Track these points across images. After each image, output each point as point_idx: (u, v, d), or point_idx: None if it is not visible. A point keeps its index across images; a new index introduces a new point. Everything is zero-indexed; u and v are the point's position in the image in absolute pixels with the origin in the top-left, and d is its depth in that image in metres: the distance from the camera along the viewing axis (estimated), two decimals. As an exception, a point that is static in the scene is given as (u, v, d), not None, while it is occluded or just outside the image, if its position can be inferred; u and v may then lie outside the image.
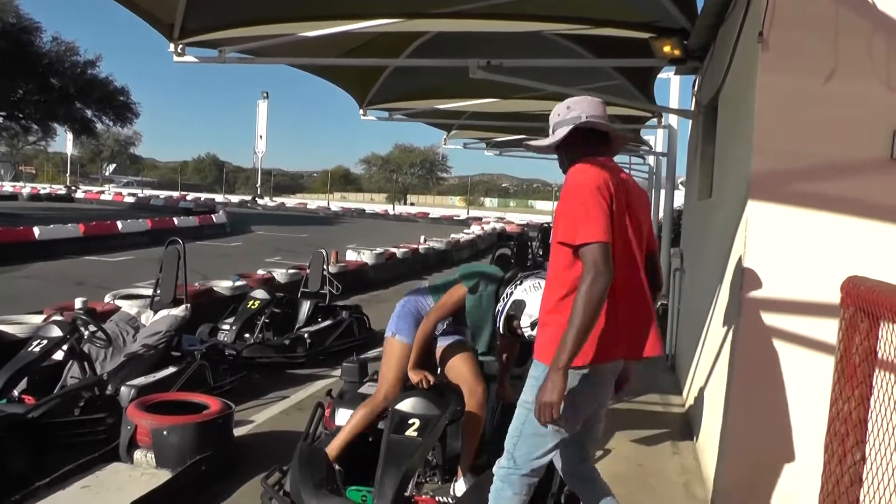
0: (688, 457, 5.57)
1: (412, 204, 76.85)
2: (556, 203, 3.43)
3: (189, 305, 7.02)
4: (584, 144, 3.16)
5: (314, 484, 4.08)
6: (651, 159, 25.22)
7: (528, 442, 3.10)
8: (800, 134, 4.16)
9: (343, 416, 4.85)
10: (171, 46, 6.81)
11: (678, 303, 8.36)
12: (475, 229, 32.05)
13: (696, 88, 8.28)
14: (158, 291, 7.40)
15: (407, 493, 4.07)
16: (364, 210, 55.96)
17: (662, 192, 24.88)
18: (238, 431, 5.74)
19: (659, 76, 10.15)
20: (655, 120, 13.70)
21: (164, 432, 4.90)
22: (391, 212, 56.62)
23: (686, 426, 6.25)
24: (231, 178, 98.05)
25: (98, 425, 5.57)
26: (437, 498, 4.31)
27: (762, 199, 4.20)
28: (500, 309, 3.96)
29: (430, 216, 51.21)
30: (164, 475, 4.75)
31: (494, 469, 3.28)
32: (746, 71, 4.54)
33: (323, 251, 10.55)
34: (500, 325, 3.98)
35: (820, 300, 3.99)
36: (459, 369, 4.59)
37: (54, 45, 33.93)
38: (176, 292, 7.30)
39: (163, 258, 7.40)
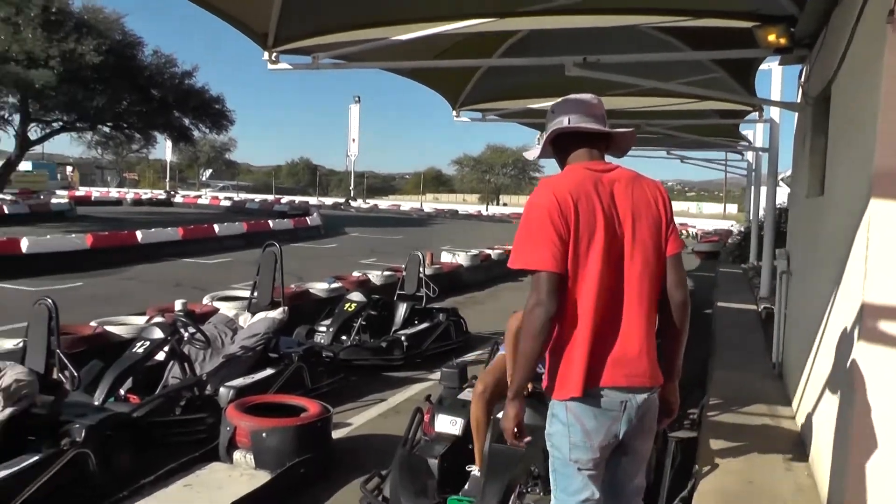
0: (801, 474, 5.20)
1: (504, 204, 76.62)
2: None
3: (287, 308, 7.14)
4: (576, 148, 2.94)
5: (415, 491, 4.03)
6: (749, 155, 24.36)
7: (560, 477, 2.93)
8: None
9: (443, 422, 4.80)
10: (266, 55, 6.95)
11: (785, 307, 7.94)
12: (572, 229, 31.54)
13: (802, 79, 7.84)
14: (256, 294, 7.54)
15: (510, 504, 3.98)
16: (457, 211, 56.04)
17: (763, 189, 24.20)
18: (336, 434, 5.77)
19: (760, 68, 9.75)
20: (756, 114, 13.15)
21: (264, 434, 4.96)
22: (484, 212, 56.59)
23: (798, 440, 5.86)
24: (324, 181, 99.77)
25: (198, 425, 5.75)
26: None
27: (887, 196, 3.88)
28: None
29: (523, 216, 50.79)
30: (263, 476, 4.81)
31: None
32: (869, 55, 4.21)
33: (419, 253, 10.56)
34: None
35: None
36: None
37: (154, 58, 35.41)
38: (273, 294, 7.42)
39: (260, 261, 7.54)
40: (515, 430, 2.88)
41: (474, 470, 4.44)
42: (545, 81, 10.95)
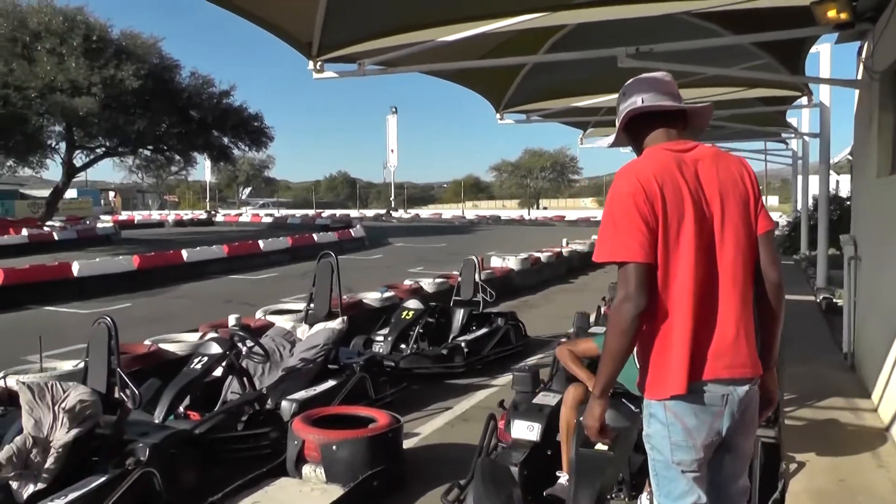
0: (894, 470, 4.91)
1: (545, 208, 76.21)
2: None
3: (346, 318, 6.97)
4: (652, 130, 2.76)
5: (500, 501, 3.81)
6: (794, 143, 23.78)
7: (662, 481, 2.72)
8: None
9: (519, 428, 4.59)
10: (311, 64, 6.90)
11: (854, 295, 7.58)
12: (618, 230, 31.21)
13: (864, 55, 7.52)
14: (312, 305, 7.39)
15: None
16: (499, 217, 55.80)
17: (812, 177, 23.66)
18: (405, 445, 5.56)
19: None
20: (804, 99, 12.71)
21: (334, 447, 4.79)
22: (526, 217, 56.28)
23: (884, 435, 5.54)
24: (363, 193, 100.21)
25: (261, 440, 5.59)
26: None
27: None
28: None
29: (566, 219, 50.58)
30: (336, 490, 4.63)
31: None
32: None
33: (474, 258, 10.37)
34: None
35: None
36: None
37: (192, 79, 35.99)
38: (331, 305, 7.26)
39: (316, 271, 7.41)
40: (599, 428, 2.71)
41: (562, 477, 4.23)
42: (589, 79, 10.78)
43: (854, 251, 7.44)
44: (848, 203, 20.48)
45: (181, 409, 5.76)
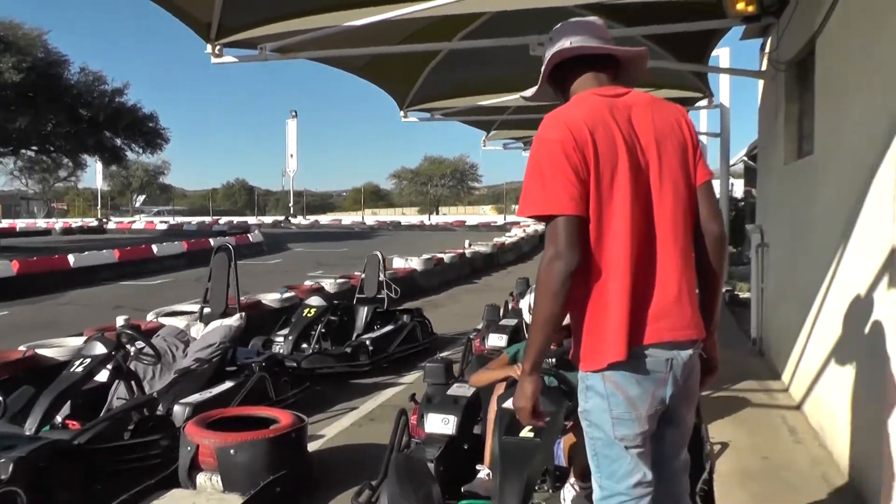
0: (812, 446, 4.92)
1: (445, 214, 76.37)
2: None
3: (244, 314, 6.41)
4: (578, 76, 2.49)
5: (418, 500, 3.42)
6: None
7: (603, 461, 2.41)
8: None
9: (434, 422, 4.21)
10: (209, 48, 6.50)
11: (762, 282, 7.64)
12: (517, 232, 31.47)
13: (769, 48, 7.60)
14: (208, 301, 6.80)
15: (530, 504, 3.40)
16: (400, 222, 55.51)
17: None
18: (309, 447, 5.11)
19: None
20: (705, 101, 12.85)
21: (231, 451, 4.28)
22: (427, 222, 56.15)
23: (797, 413, 5.58)
24: (261, 201, 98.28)
25: (151, 448, 4.97)
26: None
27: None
28: None
29: (466, 224, 50.69)
30: (234, 500, 4.14)
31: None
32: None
33: (378, 254, 9.96)
34: None
35: None
36: None
37: (82, 75, 34.01)
38: (228, 302, 6.70)
39: (211, 265, 6.81)
40: (532, 409, 2.41)
41: (482, 471, 3.87)
42: (495, 77, 10.60)
43: (761, 239, 7.45)
44: (742, 203, 21.10)
45: (59, 418, 5.11)
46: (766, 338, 7.45)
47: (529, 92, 2.67)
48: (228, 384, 5.88)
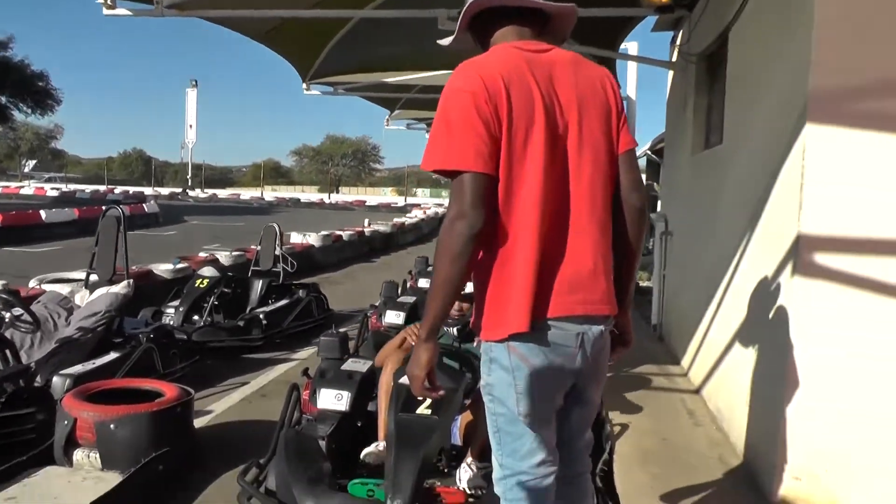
0: (710, 428, 5.00)
1: (346, 194, 75.60)
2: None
3: (132, 282, 6.01)
4: (500, 28, 2.29)
5: (308, 478, 3.25)
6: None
7: (505, 438, 2.26)
8: (872, 45, 3.52)
9: (326, 398, 4.02)
10: None
11: (664, 269, 7.75)
12: (417, 214, 31.41)
13: (679, 41, 7.69)
14: (94, 268, 6.37)
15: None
16: (299, 199, 54.51)
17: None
18: (196, 423, 4.86)
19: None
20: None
21: (112, 426, 3.98)
22: (327, 200, 55.41)
23: (696, 396, 5.67)
24: (159, 172, 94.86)
25: (25, 423, 4.54)
26: (461, 488, 3.51)
27: (823, 119, 3.55)
28: None
29: (367, 204, 50.27)
30: (113, 478, 3.84)
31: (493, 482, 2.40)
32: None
33: (275, 225, 9.62)
34: None
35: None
36: None
37: (-42, 27, 31.77)
38: (115, 268, 6.30)
39: (99, 230, 6.36)
40: (425, 378, 2.20)
41: (371, 448, 3.71)
42: (401, 54, 10.40)
43: (665, 228, 7.54)
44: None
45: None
46: (667, 324, 7.57)
47: (447, 40, 2.47)
48: (113, 355, 5.50)
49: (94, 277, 6.31)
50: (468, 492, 3.50)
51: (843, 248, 3.53)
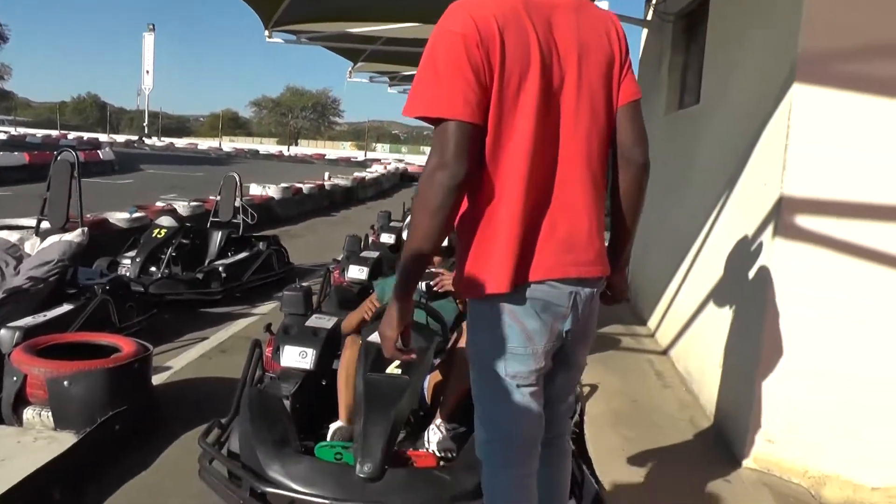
0: (680, 390, 4.93)
1: (305, 147, 74.57)
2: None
3: (86, 230, 5.69)
4: None
5: (273, 441, 3.07)
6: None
7: (486, 394, 2.13)
8: (863, 5, 3.38)
9: (290, 355, 3.82)
10: None
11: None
12: (378, 169, 31.06)
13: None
14: (46, 213, 6.02)
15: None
16: (258, 151, 53.61)
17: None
18: (154, 380, 4.62)
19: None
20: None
21: (65, 382, 3.73)
22: (286, 153, 54.56)
23: (663, 357, 5.60)
24: (114, 119, 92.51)
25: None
26: (430, 450, 3.36)
27: (812, 79, 3.41)
28: None
29: (326, 157, 49.56)
30: (67, 439, 3.59)
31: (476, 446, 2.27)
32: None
33: (235, 175, 9.27)
34: None
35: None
36: None
37: None
38: (69, 215, 5.96)
39: (51, 174, 6.00)
40: (398, 338, 2.01)
41: (333, 427, 3.52)
42: (365, 4, 10.04)
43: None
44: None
45: None
46: (633, 285, 7.46)
47: None
48: (66, 307, 5.23)
49: (45, 225, 5.97)
50: (438, 454, 3.36)
51: (826, 209, 3.43)
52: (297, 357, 3.80)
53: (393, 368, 3.25)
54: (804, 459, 3.55)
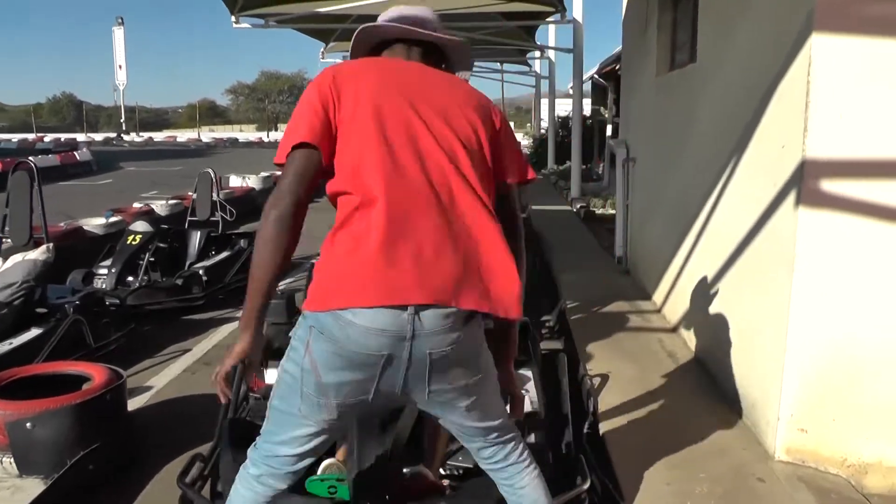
0: (696, 373, 4.50)
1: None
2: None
3: (52, 245, 5.29)
4: (386, 50, 2.26)
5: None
6: (539, 65, 23.94)
7: (273, 419, 2.10)
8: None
9: (275, 373, 3.44)
10: None
11: (627, 198, 7.24)
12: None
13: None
14: (7, 231, 5.62)
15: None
16: (237, 139, 52.91)
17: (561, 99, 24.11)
18: (133, 404, 4.27)
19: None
20: (558, 16, 12.23)
21: (28, 424, 3.34)
22: (266, 139, 53.88)
23: (673, 333, 5.21)
24: (91, 117, 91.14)
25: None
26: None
27: (833, 30, 3.02)
28: None
29: (307, 142, 48.94)
30: (34, 486, 3.24)
31: None
32: None
33: (210, 171, 8.85)
34: None
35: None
36: None
37: None
38: (32, 231, 5.57)
39: (9, 188, 5.59)
40: (223, 374, 2.03)
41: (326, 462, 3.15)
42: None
43: (626, 154, 7.01)
44: (589, 122, 21.05)
45: None
46: (633, 256, 7.10)
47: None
48: (34, 332, 4.86)
49: (7, 243, 5.58)
50: (443, 473, 3.01)
51: (854, 172, 3.06)
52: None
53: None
54: (842, 447, 3.22)
